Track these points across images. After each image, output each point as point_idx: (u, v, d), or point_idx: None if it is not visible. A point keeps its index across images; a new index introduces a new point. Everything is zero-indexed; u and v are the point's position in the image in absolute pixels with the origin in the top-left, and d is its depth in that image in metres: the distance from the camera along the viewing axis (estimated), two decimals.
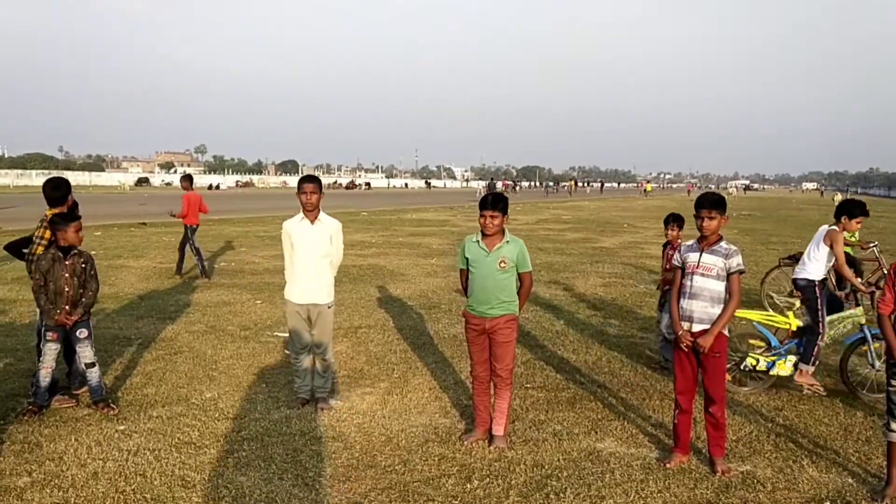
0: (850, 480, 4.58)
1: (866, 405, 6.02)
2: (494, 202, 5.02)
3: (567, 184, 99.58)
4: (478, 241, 5.10)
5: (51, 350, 5.59)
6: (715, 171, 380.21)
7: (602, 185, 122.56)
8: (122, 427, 5.33)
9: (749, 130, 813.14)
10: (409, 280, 12.74)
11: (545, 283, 12.68)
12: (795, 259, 10.81)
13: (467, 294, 5.22)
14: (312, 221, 5.72)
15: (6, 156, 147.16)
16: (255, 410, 5.73)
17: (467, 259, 5.16)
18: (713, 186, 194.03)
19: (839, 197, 73.13)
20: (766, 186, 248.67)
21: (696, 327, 4.68)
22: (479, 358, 5.18)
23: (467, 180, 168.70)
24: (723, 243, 4.72)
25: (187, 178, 13.68)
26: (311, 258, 5.71)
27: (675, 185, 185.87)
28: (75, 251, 5.67)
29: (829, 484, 4.53)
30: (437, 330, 8.69)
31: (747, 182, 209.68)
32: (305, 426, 5.38)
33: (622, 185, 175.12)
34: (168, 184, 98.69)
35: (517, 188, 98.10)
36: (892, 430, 4.33)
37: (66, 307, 5.59)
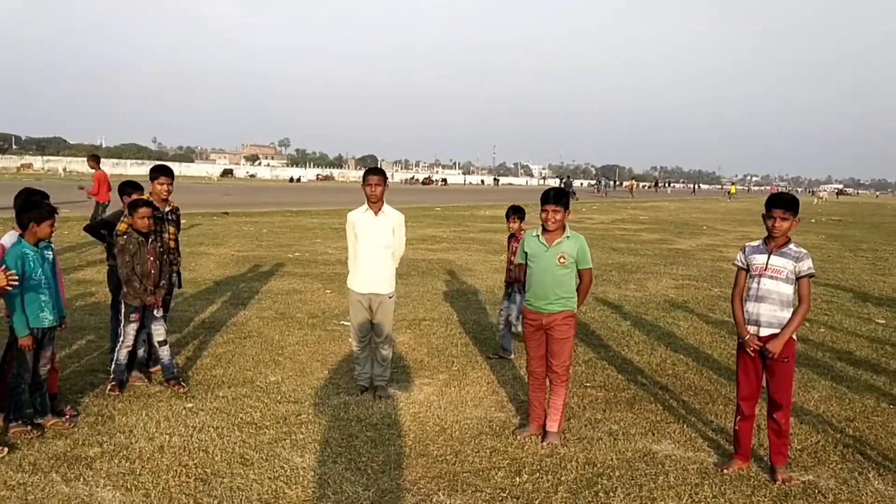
0: None
1: None
2: (557, 197, 5.00)
3: (628, 183, 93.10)
4: (538, 236, 5.09)
5: (133, 330, 5.87)
6: (806, 175, 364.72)
7: (696, 186, 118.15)
8: (189, 405, 5.57)
9: (844, 132, 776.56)
10: (476, 275, 12.77)
11: (615, 283, 12.49)
12: None
13: (525, 289, 5.21)
14: (376, 213, 5.82)
15: (104, 146, 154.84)
16: (314, 395, 5.88)
17: (526, 253, 5.16)
18: (801, 190, 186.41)
19: None
20: (860, 192, 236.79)
21: (765, 331, 4.53)
22: (536, 353, 5.17)
23: (544, 178, 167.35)
24: (792, 245, 4.56)
25: (94, 158, 14.60)
26: (374, 249, 5.81)
27: (761, 188, 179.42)
28: (153, 236, 5.93)
29: (894, 498, 4.32)
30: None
31: (840, 186, 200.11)
32: (362, 413, 5.49)
33: (703, 185, 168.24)
34: (252, 175, 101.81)
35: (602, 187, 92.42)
36: None
37: (152, 288, 5.87)
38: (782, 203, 4.55)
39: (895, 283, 13.73)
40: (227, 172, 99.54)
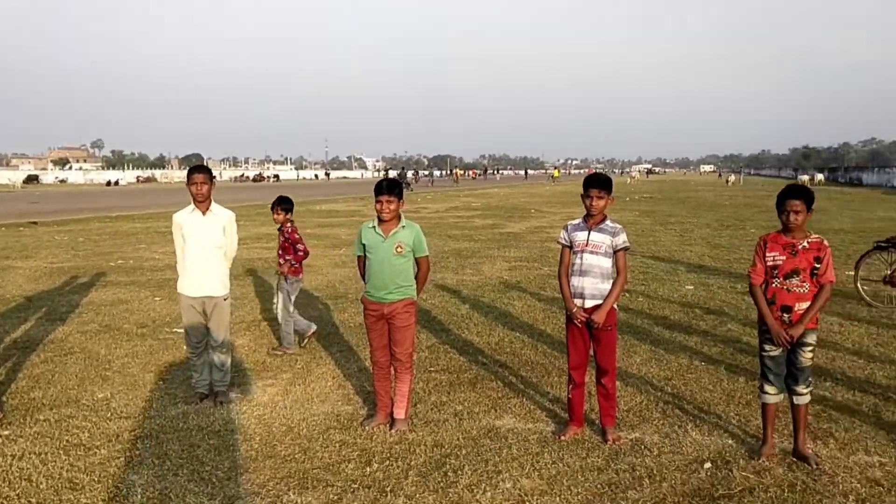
0: (730, 441, 4.86)
1: (748, 372, 6.37)
2: (390, 187, 5.05)
3: (456, 170, 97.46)
4: (374, 227, 5.12)
5: None
6: (619, 157, 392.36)
7: (526, 172, 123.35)
8: (6, 432, 5.08)
9: (651, 116, 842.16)
10: (316, 271, 12.61)
11: (452, 268, 12.82)
12: (892, 243, 9.78)
13: (365, 280, 5.23)
14: (204, 212, 5.60)
15: None
16: (150, 408, 5.57)
17: (364, 245, 5.17)
18: (616, 171, 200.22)
19: (733, 178, 76.79)
20: (667, 170, 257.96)
21: (589, 303, 4.84)
22: (379, 343, 5.21)
23: (378, 170, 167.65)
24: (608, 222, 4.90)
25: None
26: (204, 250, 5.59)
27: (580, 171, 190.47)
28: None
29: (710, 446, 4.79)
30: (342, 319, 8.67)
31: (649, 166, 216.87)
32: (203, 421, 5.28)
33: (530, 171, 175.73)
34: (63, 180, 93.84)
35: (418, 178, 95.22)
36: (766, 393, 4.62)
37: None
38: (597, 183, 4.88)
39: (701, 252, 15.14)
40: (31, 178, 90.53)
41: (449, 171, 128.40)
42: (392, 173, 70.70)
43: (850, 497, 4.04)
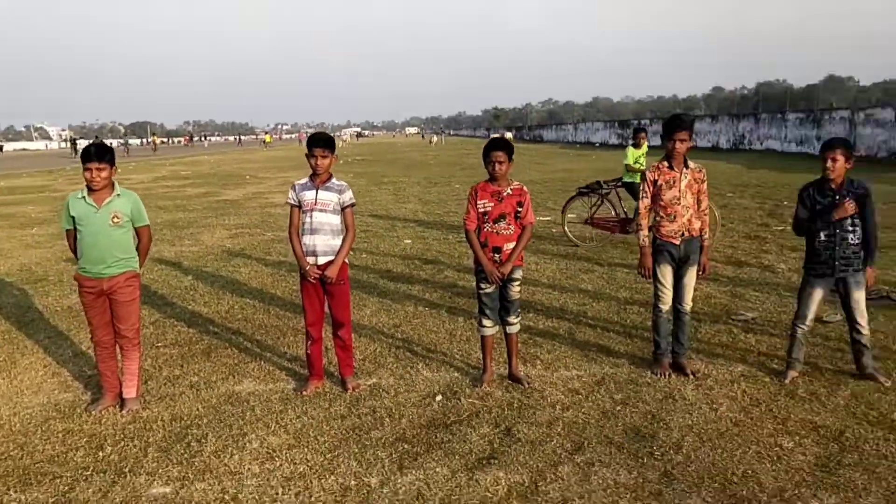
0: (456, 374, 5.36)
1: (466, 312, 7.01)
2: (99, 154, 4.68)
3: (154, 137, 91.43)
4: (84, 198, 4.71)
5: None
6: (329, 121, 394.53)
7: (239, 138, 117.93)
8: None
9: (355, 80, 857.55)
10: (5, 255, 11.13)
11: (169, 240, 12.12)
12: (591, 188, 10.64)
13: (77, 256, 4.81)
14: None
15: None
16: None
17: (73, 218, 4.74)
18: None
19: (436, 139, 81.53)
20: (375, 133, 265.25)
21: (322, 260, 4.97)
22: (100, 322, 4.85)
23: (65, 140, 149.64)
24: (334, 180, 5.07)
25: None
26: None
27: (291, 136, 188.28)
28: None
29: (440, 381, 5.25)
30: (46, 304, 7.82)
31: (359, 129, 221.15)
32: None
33: (243, 137, 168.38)
34: None
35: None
36: (484, 326, 5.15)
37: None
38: (321, 143, 5.01)
39: (414, 208, 16.04)
40: None
41: (148, 139, 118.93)
42: (82, 143, 63.53)
43: (556, 407, 4.72)
